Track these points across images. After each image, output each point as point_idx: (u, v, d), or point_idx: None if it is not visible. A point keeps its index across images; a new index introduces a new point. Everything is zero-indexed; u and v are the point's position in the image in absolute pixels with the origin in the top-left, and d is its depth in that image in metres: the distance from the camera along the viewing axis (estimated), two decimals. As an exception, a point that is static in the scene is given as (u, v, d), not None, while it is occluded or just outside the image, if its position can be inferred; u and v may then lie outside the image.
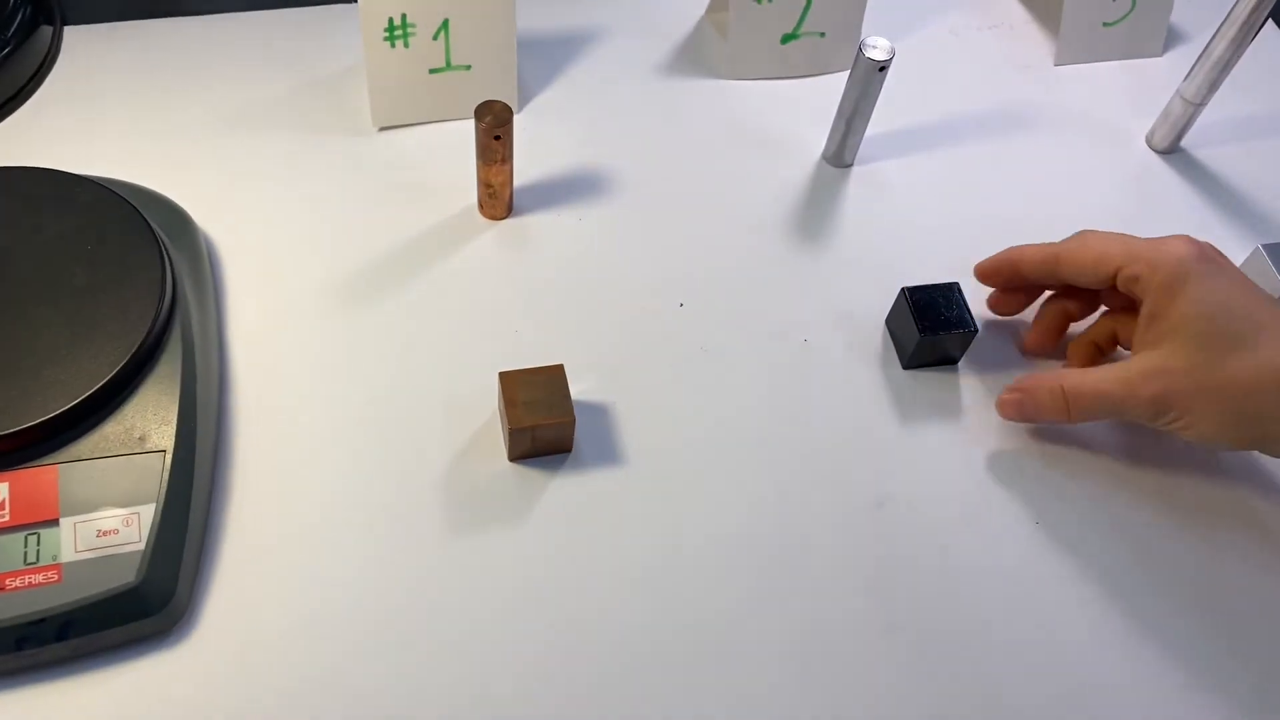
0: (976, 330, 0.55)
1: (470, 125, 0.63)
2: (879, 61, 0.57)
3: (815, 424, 0.54)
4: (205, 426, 0.49)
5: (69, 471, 0.45)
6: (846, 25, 0.68)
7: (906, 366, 0.56)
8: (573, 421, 0.50)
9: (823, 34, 0.68)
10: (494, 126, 0.54)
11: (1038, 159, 0.67)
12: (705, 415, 0.54)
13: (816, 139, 0.65)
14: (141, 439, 0.46)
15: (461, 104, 0.63)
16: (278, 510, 0.49)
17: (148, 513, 0.45)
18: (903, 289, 0.55)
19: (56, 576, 0.43)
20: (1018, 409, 0.53)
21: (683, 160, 0.64)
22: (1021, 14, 0.75)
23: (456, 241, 0.59)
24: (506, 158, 0.56)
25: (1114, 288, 0.53)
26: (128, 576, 0.44)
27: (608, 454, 0.52)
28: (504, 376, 0.50)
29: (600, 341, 0.56)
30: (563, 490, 0.51)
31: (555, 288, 0.58)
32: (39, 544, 0.44)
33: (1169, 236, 0.51)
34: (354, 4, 0.58)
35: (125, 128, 0.61)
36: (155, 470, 0.46)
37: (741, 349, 0.57)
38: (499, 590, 0.48)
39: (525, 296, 0.57)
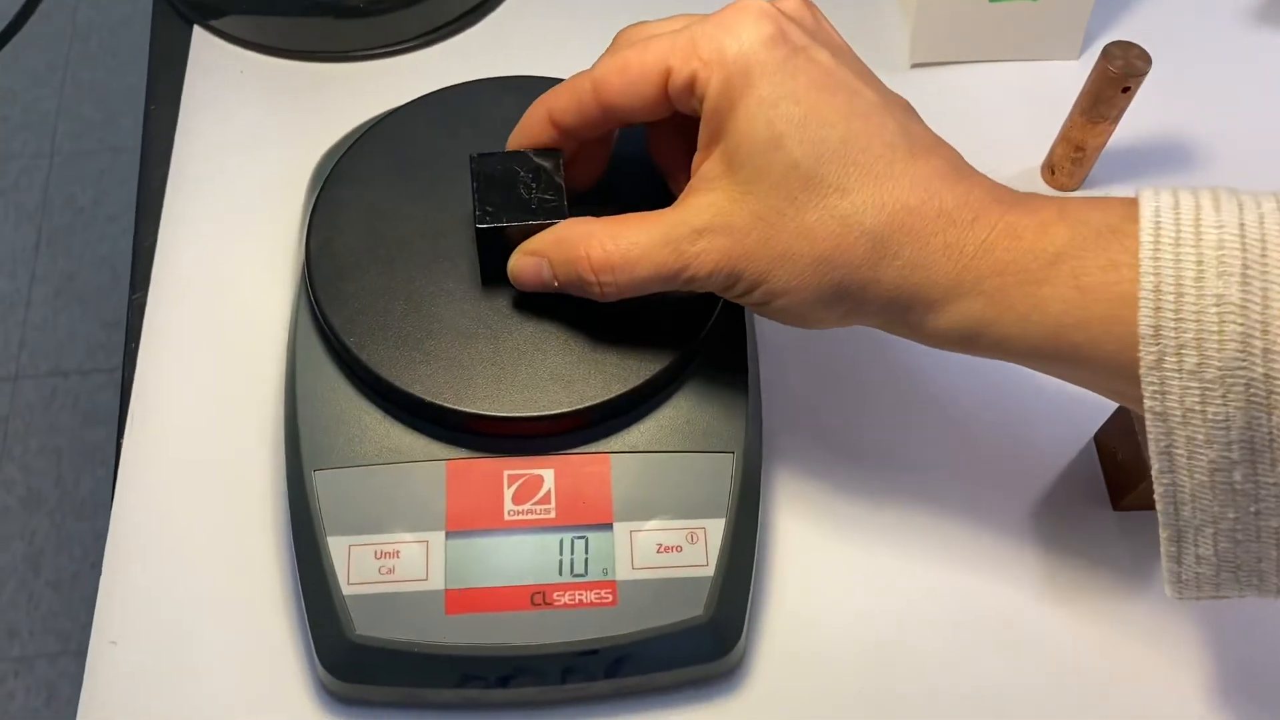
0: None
1: (1027, 69, 0.51)
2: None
3: None
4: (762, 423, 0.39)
5: (622, 464, 0.36)
6: None
7: (484, 282, 0.38)
8: (1230, 474, 0.38)
9: None
10: (1125, 75, 0.42)
11: None
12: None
13: None
14: (706, 434, 0.37)
15: (1016, 43, 0.51)
16: (821, 532, 0.40)
17: (715, 529, 0.36)
18: (469, 155, 0.37)
19: (610, 597, 0.35)
20: (536, 274, 0.35)
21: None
22: None
23: (1016, 215, 0.47)
24: (1119, 116, 0.44)
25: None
26: (694, 609, 0.35)
27: (1239, 515, 0.40)
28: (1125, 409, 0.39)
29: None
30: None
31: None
32: (587, 551, 0.35)
33: (745, 2, 0.32)
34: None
35: (604, 38, 0.52)
36: (724, 476, 0.36)
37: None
38: (1112, 664, 0.37)
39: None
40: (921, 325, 0.32)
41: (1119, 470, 0.40)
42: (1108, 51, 0.42)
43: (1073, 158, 0.46)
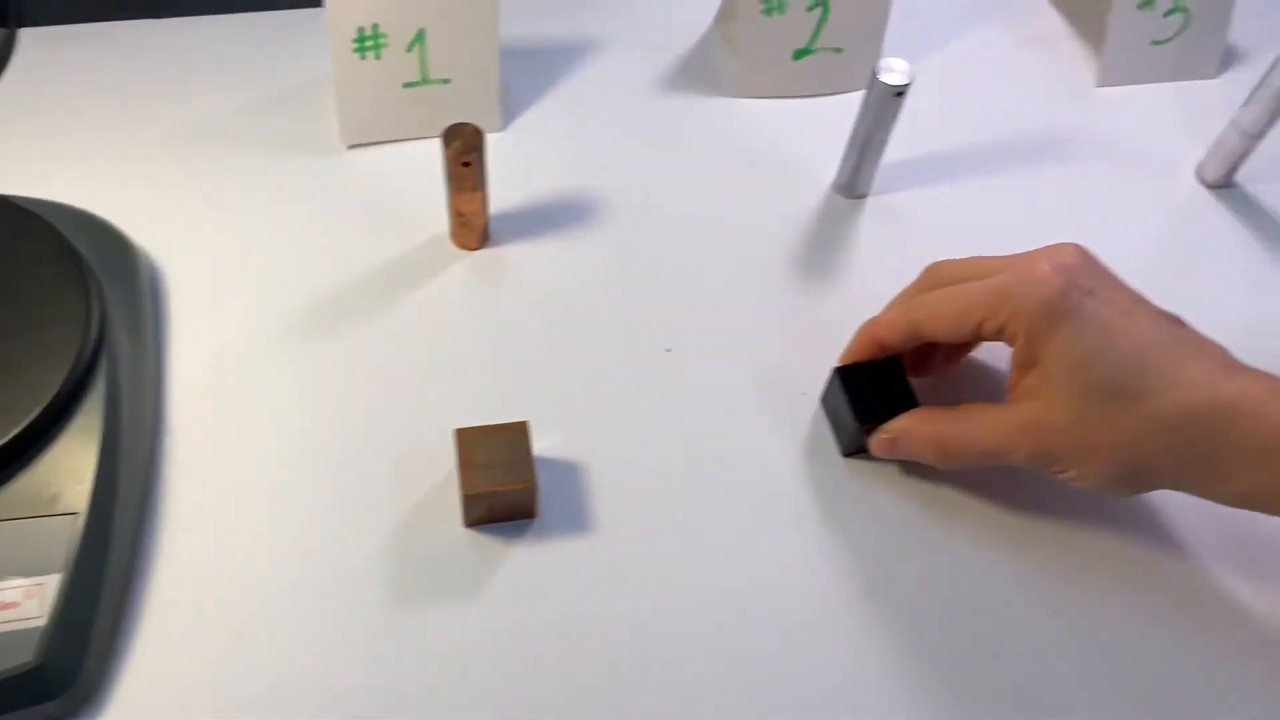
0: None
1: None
2: (894, 87, 0.51)
3: (813, 488, 0.49)
4: (130, 484, 0.44)
5: (-30, 535, 0.41)
6: (866, 40, 0.62)
7: (846, 453, 0.49)
8: (534, 488, 0.44)
9: (839, 50, 0.62)
10: (463, 152, 0.49)
11: (1076, 191, 0.61)
12: (689, 476, 0.49)
13: (828, 166, 0.60)
14: (53, 499, 0.42)
15: (440, 120, 0.57)
16: (208, 577, 0.44)
17: (52, 583, 0.41)
18: (835, 369, 0.49)
19: (-56, 655, 0.39)
20: (891, 448, 0.48)
21: (681, 186, 0.59)
22: (1062, 28, 0.69)
23: (425, 274, 0.54)
24: (478, 185, 0.51)
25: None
26: (25, 656, 0.39)
27: (576, 519, 0.47)
28: (461, 434, 0.45)
29: (576, 389, 0.51)
30: (524, 560, 0.46)
31: (530, 327, 0.53)
32: (-72, 616, 0.40)
33: (1036, 260, 0.44)
34: (323, 9, 0.53)
35: (76, 143, 0.57)
36: (64, 535, 0.41)
37: (733, 402, 0.51)
38: (452, 670, 0.43)
39: (495, 336, 0.52)
40: (1209, 494, 0.43)
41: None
42: (446, 134, 0.49)
43: (461, 222, 0.53)
